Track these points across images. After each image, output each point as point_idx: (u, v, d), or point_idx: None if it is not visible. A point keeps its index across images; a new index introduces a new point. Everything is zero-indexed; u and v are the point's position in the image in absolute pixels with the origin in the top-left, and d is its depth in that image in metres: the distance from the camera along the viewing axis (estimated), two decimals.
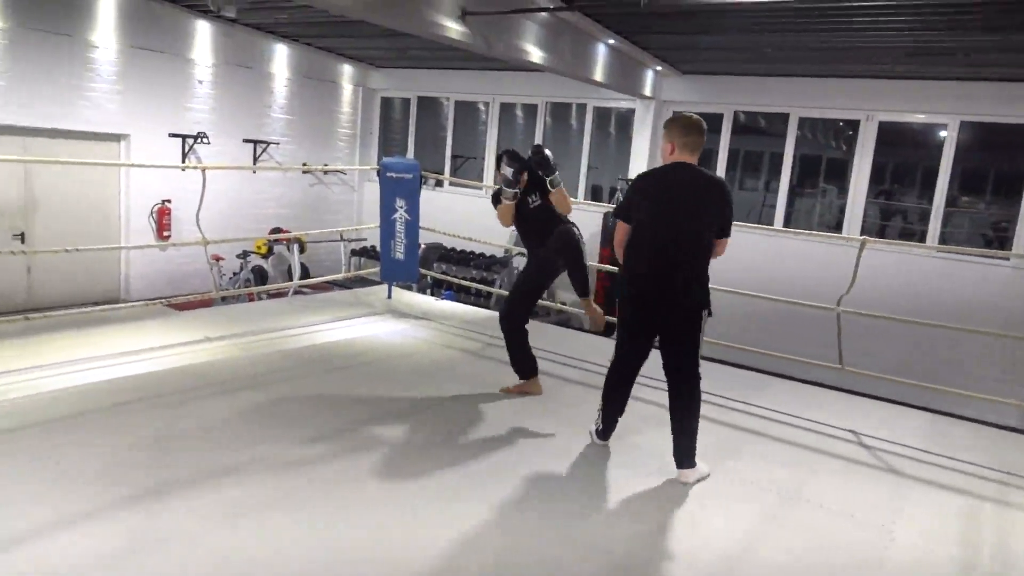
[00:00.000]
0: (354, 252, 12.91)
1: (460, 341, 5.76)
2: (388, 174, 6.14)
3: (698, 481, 3.68)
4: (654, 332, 3.76)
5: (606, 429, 3.97)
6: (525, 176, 4.45)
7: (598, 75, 9.12)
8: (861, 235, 9.47)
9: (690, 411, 3.66)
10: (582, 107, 11.65)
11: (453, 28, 6.66)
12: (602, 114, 11.70)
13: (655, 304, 3.67)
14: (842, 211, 9.85)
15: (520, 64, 11.35)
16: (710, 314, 3.69)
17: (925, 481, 3.97)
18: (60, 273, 9.83)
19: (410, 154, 13.28)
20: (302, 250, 11.79)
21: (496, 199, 4.57)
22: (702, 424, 3.71)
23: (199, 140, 10.77)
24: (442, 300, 7.17)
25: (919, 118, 9.34)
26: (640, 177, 3.81)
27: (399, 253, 6.27)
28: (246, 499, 3.13)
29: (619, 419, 3.96)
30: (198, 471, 3.31)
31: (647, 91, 10.38)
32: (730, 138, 10.47)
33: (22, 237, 9.38)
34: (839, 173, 10.28)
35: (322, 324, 5.85)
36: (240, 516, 3.00)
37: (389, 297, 6.81)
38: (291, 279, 11.80)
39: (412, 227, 6.23)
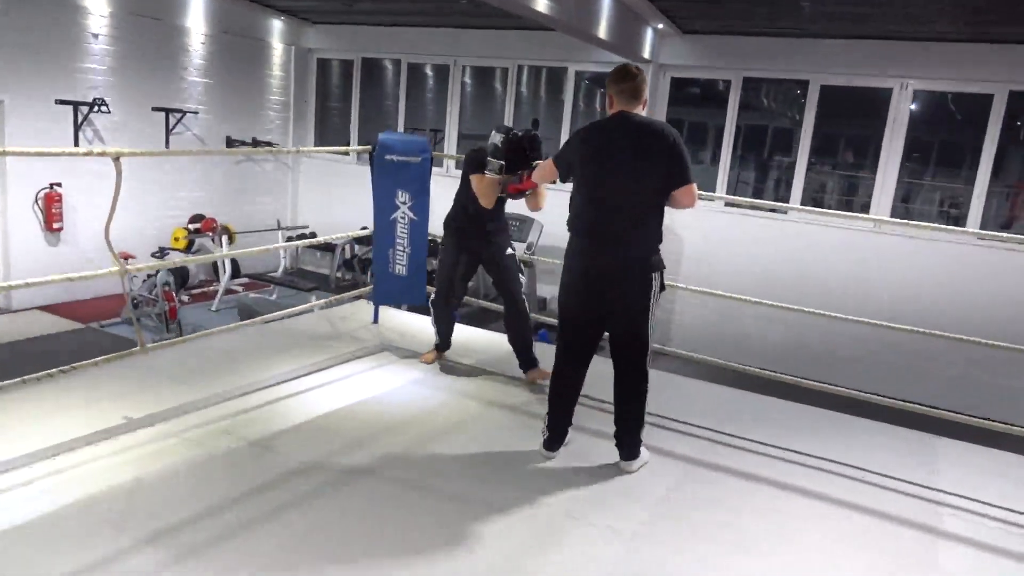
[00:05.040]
0: (290, 240, 10.97)
1: (500, 394, 4.15)
2: (387, 156, 4.40)
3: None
4: (596, 313, 3.35)
5: (552, 439, 3.47)
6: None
7: (601, 31, 7.53)
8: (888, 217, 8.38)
9: (631, 401, 3.35)
10: (559, 72, 10.04)
11: None
12: (583, 81, 10.12)
13: (596, 279, 3.28)
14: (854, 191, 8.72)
15: (486, 21, 9.68)
16: (662, 287, 3.30)
17: None
18: None
19: (354, 127, 11.39)
20: (231, 241, 9.81)
21: (476, 166, 4.00)
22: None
23: (96, 108, 8.60)
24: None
25: (963, 87, 8.18)
26: (575, 133, 3.47)
27: (400, 267, 4.57)
28: None
29: (568, 428, 3.51)
30: None
31: (646, 53, 8.86)
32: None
33: None
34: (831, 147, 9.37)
35: (294, 378, 4.10)
36: None
37: (375, 322, 5.10)
38: (217, 277, 9.85)
39: (419, 231, 4.52)
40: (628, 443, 3.40)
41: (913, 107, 8.37)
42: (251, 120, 10.81)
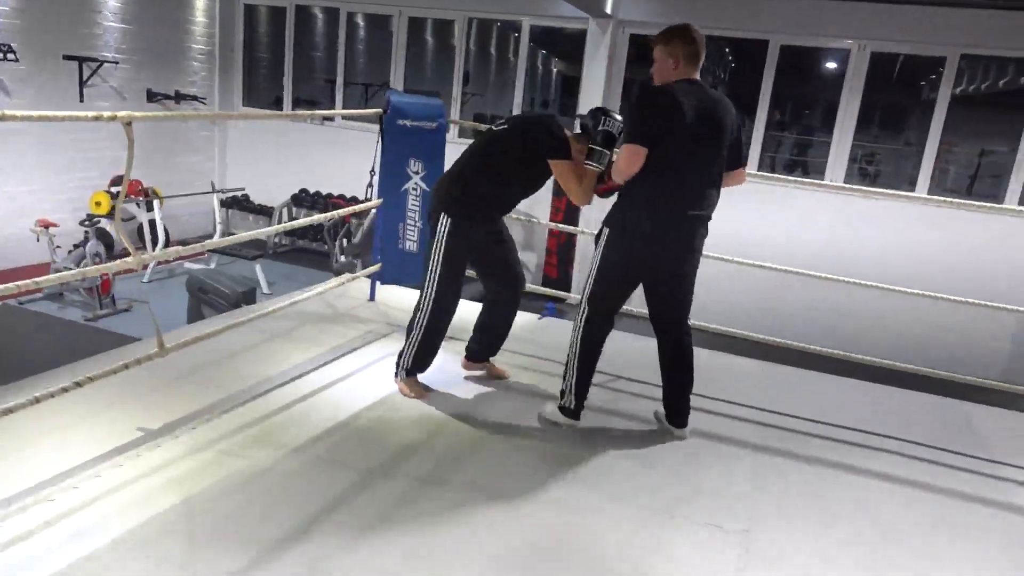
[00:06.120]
0: (223, 204, 10.19)
1: (542, 381, 3.86)
2: (400, 121, 3.96)
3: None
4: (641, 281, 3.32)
5: (579, 407, 3.37)
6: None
7: None
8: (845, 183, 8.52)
9: (690, 366, 3.37)
10: (489, 24, 9.62)
11: None
12: (536, 36, 9.73)
13: (669, 250, 3.18)
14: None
15: None
16: None
17: None
18: None
19: (287, 80, 10.61)
20: (160, 205, 9.00)
21: (567, 151, 3.33)
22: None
23: (3, 56, 7.59)
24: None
25: (919, 50, 8.31)
26: (657, 94, 3.07)
27: (410, 242, 4.19)
28: None
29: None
30: None
31: (607, 8, 8.57)
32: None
33: None
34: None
35: (310, 371, 3.66)
36: None
37: (372, 299, 4.71)
38: (144, 244, 9.02)
39: None
40: (683, 409, 3.42)
41: (832, 66, 8.49)
42: (173, 71, 9.86)
